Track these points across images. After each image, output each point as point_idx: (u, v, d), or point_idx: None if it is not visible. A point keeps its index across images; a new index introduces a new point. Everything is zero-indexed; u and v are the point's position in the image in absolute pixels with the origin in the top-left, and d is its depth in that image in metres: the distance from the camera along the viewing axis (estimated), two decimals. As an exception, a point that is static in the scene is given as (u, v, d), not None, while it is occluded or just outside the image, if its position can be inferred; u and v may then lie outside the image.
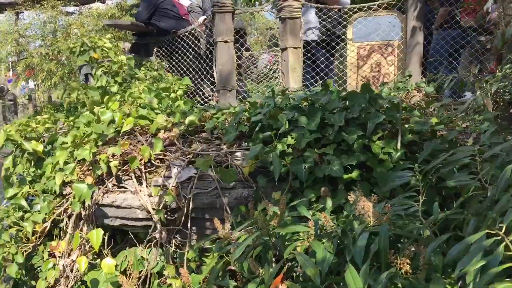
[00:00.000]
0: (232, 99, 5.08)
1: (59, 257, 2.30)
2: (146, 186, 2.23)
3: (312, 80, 5.56)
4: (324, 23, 5.84)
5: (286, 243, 1.51)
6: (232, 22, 5.56)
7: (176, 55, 5.83)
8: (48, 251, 2.36)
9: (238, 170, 2.16)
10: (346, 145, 2.10)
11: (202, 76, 6.03)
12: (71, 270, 2.21)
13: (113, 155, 2.24)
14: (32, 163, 2.80)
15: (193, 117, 2.37)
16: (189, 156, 2.24)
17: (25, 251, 2.32)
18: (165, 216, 2.21)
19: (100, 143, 2.42)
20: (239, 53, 5.85)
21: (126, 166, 2.28)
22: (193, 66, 5.93)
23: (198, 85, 5.83)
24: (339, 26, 5.75)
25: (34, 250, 2.42)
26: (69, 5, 19.81)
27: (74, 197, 2.21)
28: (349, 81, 5.77)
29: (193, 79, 5.66)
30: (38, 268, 2.43)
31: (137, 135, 2.41)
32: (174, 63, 5.84)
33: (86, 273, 2.24)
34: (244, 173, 2.11)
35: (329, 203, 1.92)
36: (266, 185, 2.13)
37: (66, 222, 2.37)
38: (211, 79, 6.17)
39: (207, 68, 6.35)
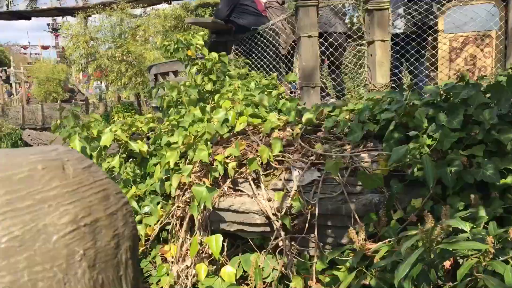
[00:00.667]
0: (315, 96, 4.89)
1: (171, 262, 2.21)
2: (265, 190, 2.07)
3: (400, 75, 5.25)
4: (414, 13, 5.51)
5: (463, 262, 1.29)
6: (316, 16, 5.36)
7: (256, 52, 5.71)
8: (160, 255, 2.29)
9: (367, 173, 1.96)
10: (494, 146, 1.84)
11: (284, 73, 5.89)
12: (186, 277, 2.11)
13: (228, 156, 2.12)
14: (136, 164, 2.75)
15: (310, 115, 2.20)
16: (312, 157, 2.06)
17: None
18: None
19: (209, 144, 2.31)
20: (323, 48, 5.64)
21: (242, 168, 2.15)
22: (274, 63, 5.79)
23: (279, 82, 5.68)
24: (431, 17, 5.38)
25: (143, 254, 2.35)
26: (137, 7, 20.45)
27: (190, 200, 2.11)
28: (440, 76, 5.42)
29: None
30: (147, 273, 2.37)
31: (250, 134, 2.28)
32: (253, 60, 5.72)
33: (199, 280, 2.14)
34: (378, 177, 1.90)
35: (482, 213, 1.68)
36: (399, 191, 1.92)
37: (177, 225, 2.28)
38: (288, 76, 6.01)
39: (289, 64, 6.20)
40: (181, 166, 2.34)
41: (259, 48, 5.75)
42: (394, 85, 5.04)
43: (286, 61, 6.12)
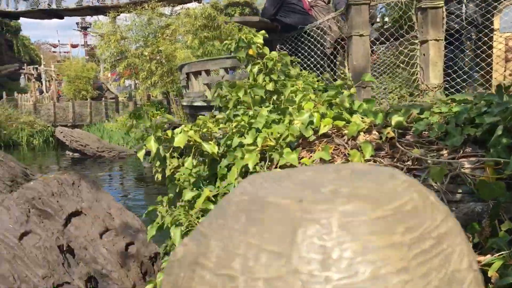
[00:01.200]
0: (366, 96, 4.77)
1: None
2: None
3: (454, 75, 5.09)
4: (469, 12, 5.35)
5: None
6: (368, 15, 5.24)
7: (302, 51, 5.62)
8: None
9: (468, 180, 1.85)
10: None
11: (332, 73, 5.79)
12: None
13: (314, 160, 2.03)
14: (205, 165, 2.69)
15: (400, 117, 2.09)
16: (408, 162, 1.96)
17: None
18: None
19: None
20: (374, 47, 5.52)
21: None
22: (321, 62, 5.69)
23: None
24: (488, 15, 5.20)
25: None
26: (167, 6, 20.59)
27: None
28: (494, 76, 5.24)
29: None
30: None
31: (334, 137, 2.18)
32: (298, 59, 5.64)
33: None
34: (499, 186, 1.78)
35: None
36: (507, 200, 1.80)
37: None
38: (334, 76, 5.91)
39: (331, 65, 6.08)
40: (257, 168, 2.27)
41: (306, 47, 5.67)
42: (447, 85, 4.89)
43: (328, 61, 6.02)
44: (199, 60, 15.18)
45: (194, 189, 2.60)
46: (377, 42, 5.55)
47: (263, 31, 3.52)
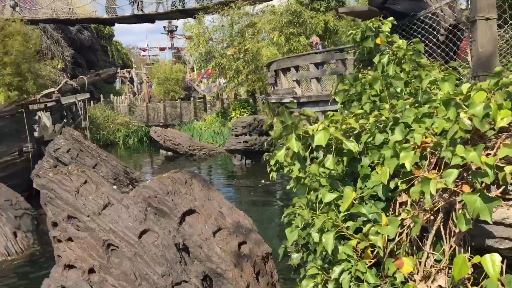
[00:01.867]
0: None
1: (410, 279, 1.90)
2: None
3: None
4: None
5: None
6: (495, -4, 4.74)
7: (413, 39, 5.21)
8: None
9: None
10: None
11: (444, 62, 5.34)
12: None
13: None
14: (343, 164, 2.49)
15: None
16: None
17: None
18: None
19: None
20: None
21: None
22: (435, 51, 5.26)
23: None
24: None
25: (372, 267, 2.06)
26: (253, 4, 20.70)
27: (441, 210, 1.78)
28: None
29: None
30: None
31: None
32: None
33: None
34: None
35: None
36: None
37: (410, 236, 1.97)
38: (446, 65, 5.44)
39: (442, 54, 5.61)
40: (411, 168, 2.01)
41: (419, 36, 5.26)
42: None
43: (439, 50, 5.55)
44: (287, 56, 15.03)
45: (332, 190, 2.40)
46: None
47: (391, 18, 3.23)
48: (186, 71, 42.80)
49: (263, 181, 13.29)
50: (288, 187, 3.61)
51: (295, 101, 13.59)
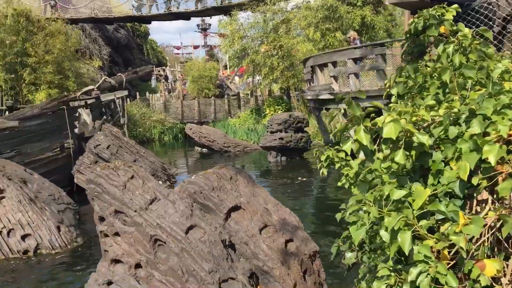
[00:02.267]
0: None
1: (495, 283, 1.76)
2: None
3: None
4: None
5: None
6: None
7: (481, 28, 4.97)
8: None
9: None
10: None
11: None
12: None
13: None
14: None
15: None
16: None
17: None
18: None
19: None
20: None
21: None
22: (495, 42, 5.00)
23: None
24: None
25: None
26: (288, 0, 20.51)
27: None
28: None
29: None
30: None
31: None
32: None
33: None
34: None
35: None
36: None
37: (493, 236, 1.83)
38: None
39: (499, 45, 5.35)
40: (491, 161, 1.87)
41: (473, 27, 5.00)
42: None
43: (495, 40, 5.27)
44: (325, 52, 14.82)
45: (399, 187, 2.26)
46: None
47: (455, 5, 3.04)
48: (219, 69, 43.05)
49: (300, 178, 13.15)
50: (339, 184, 3.48)
51: (332, 97, 13.38)
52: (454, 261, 1.92)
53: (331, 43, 19.30)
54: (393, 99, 3.34)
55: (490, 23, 4.92)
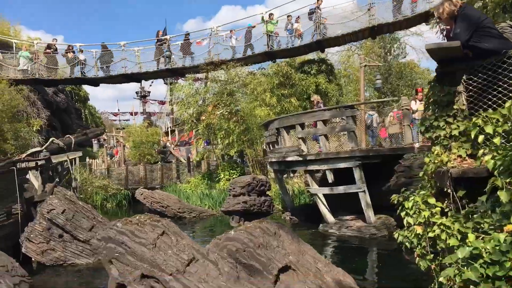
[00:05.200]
0: None
1: None
2: None
3: None
4: None
5: None
6: None
7: (504, 79, 4.92)
8: None
9: None
10: None
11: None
12: None
13: None
14: None
15: None
16: None
17: None
18: None
19: None
20: None
21: None
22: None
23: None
24: None
25: None
26: (244, 65, 20.77)
27: None
28: None
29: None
30: None
31: None
32: (493, 93, 4.92)
33: None
34: None
35: None
36: None
37: None
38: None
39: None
40: None
41: (511, 74, 4.95)
42: None
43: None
44: (293, 113, 14.82)
45: None
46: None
47: None
48: (162, 135, 42.24)
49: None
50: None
51: (301, 158, 13.19)
52: None
53: (287, 108, 19.54)
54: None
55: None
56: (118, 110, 68.57)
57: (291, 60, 21.68)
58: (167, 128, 55.01)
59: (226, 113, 20.04)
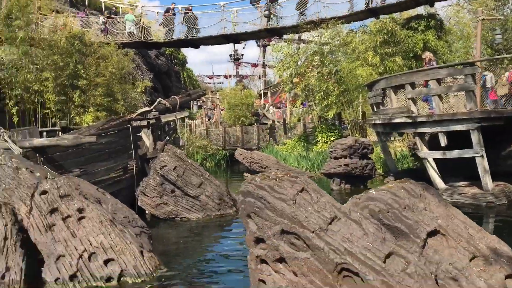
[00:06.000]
0: None
1: None
2: None
3: None
4: None
5: None
6: None
7: None
8: None
9: None
10: None
11: None
12: None
13: None
14: None
15: None
16: None
17: None
18: None
19: None
20: None
21: None
22: None
23: None
24: None
25: None
26: (345, 23, 19.92)
27: None
28: None
29: None
30: None
31: None
32: None
33: None
34: None
35: None
36: None
37: None
38: None
39: None
40: None
41: None
42: None
43: None
44: (402, 72, 13.99)
45: None
46: None
47: None
48: (255, 97, 42.73)
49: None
50: None
51: (410, 120, 12.45)
52: None
53: (391, 68, 18.51)
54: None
55: None
56: (213, 73, 70.31)
57: (396, 16, 20.37)
58: (259, 91, 55.46)
59: (325, 73, 19.49)
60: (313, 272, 3.42)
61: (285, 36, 22.55)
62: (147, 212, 11.52)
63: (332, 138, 20.52)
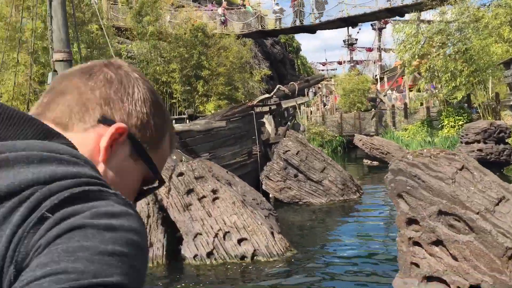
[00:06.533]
0: None
1: None
2: None
3: None
4: None
5: None
6: None
7: None
8: None
9: None
10: None
11: None
12: None
13: None
14: None
15: None
16: None
17: None
18: None
19: None
20: None
21: None
22: None
23: None
24: None
25: None
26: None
27: None
28: None
29: None
30: None
31: None
32: None
33: None
34: None
35: None
36: None
37: None
38: None
39: None
40: None
41: None
42: None
43: None
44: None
45: None
46: None
47: None
48: (371, 82, 41.32)
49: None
50: None
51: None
52: None
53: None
54: None
55: None
56: (326, 60, 69.50)
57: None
58: (375, 76, 53.52)
59: (453, 52, 18.06)
60: (477, 256, 3.15)
61: (406, 16, 21.36)
62: (270, 196, 11.77)
63: (460, 122, 19.04)
